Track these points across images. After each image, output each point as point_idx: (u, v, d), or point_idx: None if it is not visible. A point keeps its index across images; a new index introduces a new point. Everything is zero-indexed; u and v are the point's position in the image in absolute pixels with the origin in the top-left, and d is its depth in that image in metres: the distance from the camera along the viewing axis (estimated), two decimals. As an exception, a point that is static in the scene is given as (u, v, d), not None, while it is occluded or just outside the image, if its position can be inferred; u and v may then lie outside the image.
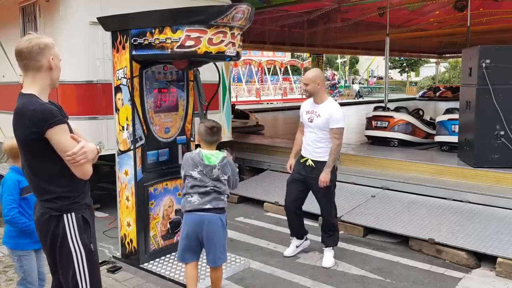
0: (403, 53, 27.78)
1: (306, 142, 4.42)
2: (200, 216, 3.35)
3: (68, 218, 2.31)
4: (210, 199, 3.35)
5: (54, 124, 2.15)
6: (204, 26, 3.63)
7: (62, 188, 2.29)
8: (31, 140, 2.19)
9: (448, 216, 5.13)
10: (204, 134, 3.40)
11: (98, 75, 5.46)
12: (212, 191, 3.35)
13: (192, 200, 3.36)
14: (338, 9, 13.77)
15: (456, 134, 7.01)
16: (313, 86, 4.26)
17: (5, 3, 6.70)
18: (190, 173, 3.36)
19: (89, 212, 2.43)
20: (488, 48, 5.91)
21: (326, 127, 4.24)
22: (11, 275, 4.06)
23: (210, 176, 3.34)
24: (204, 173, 3.34)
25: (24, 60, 2.24)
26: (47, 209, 2.31)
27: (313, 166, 4.32)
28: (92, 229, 2.43)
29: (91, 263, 2.39)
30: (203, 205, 3.34)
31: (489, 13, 14.16)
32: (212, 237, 3.37)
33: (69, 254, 2.32)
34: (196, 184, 3.35)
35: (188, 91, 4.60)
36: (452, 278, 4.15)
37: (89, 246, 2.38)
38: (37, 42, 2.24)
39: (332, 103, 4.34)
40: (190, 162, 3.38)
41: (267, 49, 20.18)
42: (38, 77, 2.27)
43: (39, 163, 2.27)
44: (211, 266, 3.52)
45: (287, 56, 34.28)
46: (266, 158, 7.93)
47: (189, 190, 3.39)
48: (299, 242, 4.67)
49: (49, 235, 2.32)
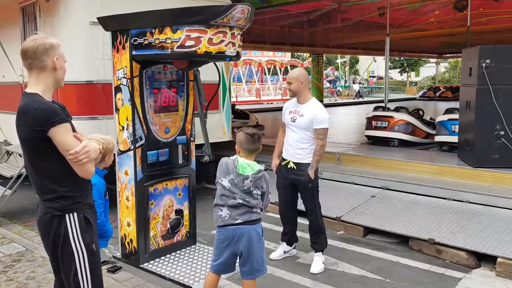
0: (403, 53, 27.79)
1: (287, 143, 4.34)
2: (233, 230, 3.15)
3: (70, 218, 2.31)
4: (241, 213, 3.14)
5: (57, 123, 2.15)
6: (204, 26, 3.63)
7: (64, 188, 2.29)
8: (34, 138, 2.19)
9: (448, 216, 5.13)
10: (245, 141, 3.18)
11: (98, 75, 5.47)
12: (241, 205, 3.13)
13: (223, 214, 3.15)
14: (338, 9, 13.78)
15: (456, 134, 7.01)
16: (296, 84, 4.19)
17: (5, 3, 6.71)
18: (221, 180, 3.15)
19: (91, 212, 2.43)
20: (488, 48, 5.91)
21: (309, 127, 4.17)
22: (11, 275, 4.06)
23: (241, 188, 3.11)
24: (235, 183, 3.11)
25: (28, 59, 2.25)
26: (49, 209, 2.31)
27: (295, 168, 4.27)
28: (94, 229, 2.43)
29: (93, 263, 2.39)
30: (234, 220, 3.13)
31: (489, 13, 14.15)
32: (247, 250, 3.17)
33: (71, 254, 2.33)
34: (224, 194, 3.14)
35: (188, 91, 4.60)
36: (452, 278, 4.15)
37: (91, 246, 2.38)
38: (43, 42, 2.25)
39: (316, 103, 4.29)
40: (223, 168, 3.17)
41: (267, 49, 20.19)
42: (42, 76, 2.28)
43: (42, 162, 2.27)
44: (244, 278, 3.28)
45: (287, 56, 34.29)
46: (266, 158, 7.89)
47: (218, 200, 3.17)
48: (288, 249, 4.61)
49: (51, 235, 2.33)
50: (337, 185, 6.40)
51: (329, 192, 6.14)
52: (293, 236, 4.59)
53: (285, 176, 4.37)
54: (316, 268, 4.30)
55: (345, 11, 14.28)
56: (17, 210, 6.22)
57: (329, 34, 17.35)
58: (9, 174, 6.06)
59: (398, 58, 38.28)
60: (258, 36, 15.99)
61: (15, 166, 6.45)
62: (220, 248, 3.23)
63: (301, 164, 4.24)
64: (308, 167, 4.23)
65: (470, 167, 6.00)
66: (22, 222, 5.72)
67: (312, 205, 4.34)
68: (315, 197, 4.34)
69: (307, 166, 4.23)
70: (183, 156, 4.58)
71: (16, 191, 5.93)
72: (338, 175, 6.59)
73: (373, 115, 9.03)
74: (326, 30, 16.57)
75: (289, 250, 4.62)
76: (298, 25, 15.99)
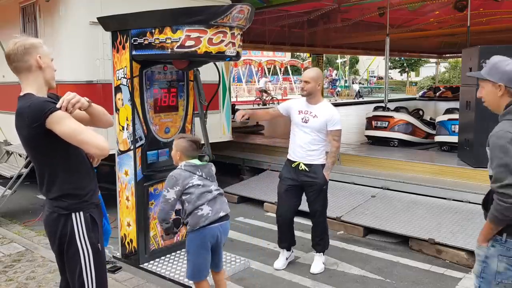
0: (403, 53, 27.78)
1: (296, 144, 4.18)
2: (217, 227, 3.12)
3: (76, 217, 2.31)
4: (220, 206, 3.14)
5: (49, 112, 2.12)
6: (204, 26, 3.63)
7: (70, 185, 2.29)
8: (35, 136, 2.18)
9: (448, 216, 5.13)
10: (191, 149, 3.17)
11: (98, 75, 5.47)
12: (218, 195, 3.16)
13: (205, 213, 3.06)
14: (338, 9, 13.77)
15: (456, 134, 7.02)
16: (313, 85, 4.08)
17: (5, 3, 6.71)
18: (191, 183, 3.07)
19: (97, 211, 2.43)
20: (488, 48, 5.90)
21: (323, 129, 4.09)
22: (11, 275, 4.06)
23: (210, 177, 3.17)
24: (204, 176, 3.14)
25: (13, 63, 2.25)
26: (55, 208, 2.31)
27: (306, 170, 4.14)
28: (100, 228, 2.43)
29: (98, 262, 2.39)
30: (217, 215, 3.11)
31: (489, 13, 14.15)
32: (220, 243, 3.22)
33: (77, 253, 2.32)
34: (203, 191, 3.09)
35: (188, 91, 4.60)
36: (452, 278, 4.15)
37: (97, 245, 2.38)
38: (22, 43, 2.24)
39: (329, 104, 4.25)
40: (183, 174, 3.08)
41: (267, 49, 20.18)
42: (31, 78, 2.26)
43: (47, 160, 2.27)
44: (216, 270, 3.34)
45: (287, 56, 34.28)
46: (266, 158, 7.94)
47: (198, 202, 3.06)
48: (288, 254, 4.49)
49: (58, 234, 2.33)
50: (337, 185, 6.40)
51: (329, 192, 6.05)
52: (291, 239, 4.48)
53: (293, 178, 4.22)
54: (316, 268, 4.29)
55: (345, 11, 14.28)
56: (17, 210, 6.23)
57: (329, 34, 17.34)
58: (9, 174, 6.06)
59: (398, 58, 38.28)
60: (258, 36, 15.99)
61: (15, 166, 6.45)
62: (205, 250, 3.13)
63: (313, 165, 4.13)
64: (320, 168, 4.14)
65: (470, 167, 6.00)
66: (22, 222, 5.72)
67: (323, 207, 4.28)
68: (327, 199, 4.29)
69: (320, 167, 4.14)
70: (183, 156, 4.58)
71: (16, 191, 5.93)
72: (338, 175, 6.58)
73: (373, 115, 9.03)
74: (326, 30, 16.57)
75: (289, 255, 4.50)
76: (298, 25, 15.98)
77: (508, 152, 2.18)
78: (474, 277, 2.56)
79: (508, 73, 2.27)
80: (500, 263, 2.36)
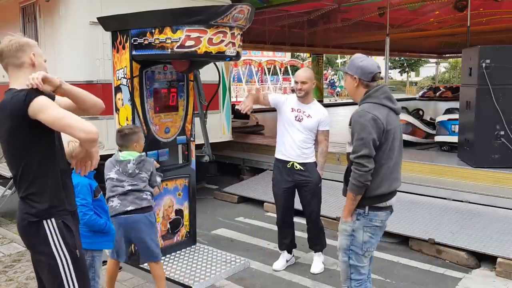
0: (403, 53, 27.80)
1: (288, 143, 4.16)
2: (124, 219, 3.36)
3: (48, 225, 2.20)
4: (131, 200, 3.35)
5: (30, 99, 2.08)
6: (204, 26, 3.63)
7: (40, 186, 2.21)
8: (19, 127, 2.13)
9: (448, 216, 5.13)
10: (116, 138, 3.49)
11: (98, 75, 5.47)
12: (130, 191, 3.34)
13: (114, 205, 3.35)
14: (338, 9, 13.79)
15: (456, 134, 7.01)
16: (310, 85, 4.13)
17: (5, 3, 6.71)
18: (108, 175, 3.39)
19: (71, 218, 2.31)
20: (488, 48, 5.90)
21: (314, 128, 4.14)
22: (11, 275, 4.06)
23: (126, 172, 3.35)
24: (121, 172, 3.36)
25: (5, 59, 2.24)
26: (25, 215, 2.22)
27: (301, 169, 4.15)
28: (76, 235, 2.32)
29: (79, 270, 2.27)
30: (125, 207, 3.34)
31: (489, 13, 14.16)
32: (140, 238, 3.41)
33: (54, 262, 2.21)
34: (114, 185, 3.36)
35: (188, 91, 4.60)
36: (452, 278, 4.15)
37: (75, 253, 2.26)
38: (17, 41, 2.24)
39: (319, 105, 4.28)
40: (108, 165, 3.42)
41: (267, 49, 20.20)
42: (20, 74, 2.22)
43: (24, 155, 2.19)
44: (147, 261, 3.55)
45: (287, 56, 34.27)
46: (266, 158, 7.92)
47: (109, 193, 3.37)
48: (289, 257, 4.46)
49: (30, 243, 2.25)
50: (337, 185, 6.38)
51: (329, 192, 6.13)
52: (292, 242, 4.46)
53: (287, 179, 4.20)
54: (316, 268, 4.29)
55: (345, 11, 14.29)
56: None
57: (329, 34, 17.36)
58: (9, 174, 6.05)
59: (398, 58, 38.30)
60: (258, 36, 16.00)
61: (15, 166, 6.44)
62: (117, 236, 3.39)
63: (307, 164, 4.16)
64: (313, 166, 4.18)
65: (470, 167, 6.00)
66: (22, 222, 5.71)
67: (318, 206, 4.28)
68: (321, 199, 4.30)
69: (313, 165, 4.19)
70: (183, 156, 4.59)
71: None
72: (338, 175, 6.55)
73: (373, 115, 9.00)
74: (326, 30, 16.58)
75: (290, 258, 4.48)
76: (298, 25, 16.00)
77: (365, 128, 2.63)
78: (340, 253, 2.87)
79: (361, 67, 2.75)
80: (365, 233, 2.78)
